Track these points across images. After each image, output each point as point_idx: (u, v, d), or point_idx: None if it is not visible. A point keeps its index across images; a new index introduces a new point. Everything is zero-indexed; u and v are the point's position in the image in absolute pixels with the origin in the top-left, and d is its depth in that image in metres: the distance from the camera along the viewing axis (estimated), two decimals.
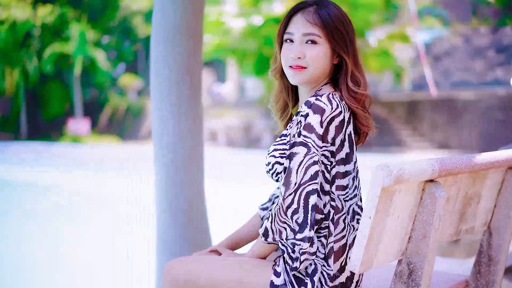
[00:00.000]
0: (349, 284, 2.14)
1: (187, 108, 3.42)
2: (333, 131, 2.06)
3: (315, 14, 2.15)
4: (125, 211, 10.20)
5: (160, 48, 3.42)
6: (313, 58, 2.14)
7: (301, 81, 2.18)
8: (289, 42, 2.18)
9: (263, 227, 2.09)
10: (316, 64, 2.15)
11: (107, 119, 28.57)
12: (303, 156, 2.02)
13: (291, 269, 2.05)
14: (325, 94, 2.07)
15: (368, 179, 1.90)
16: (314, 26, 2.14)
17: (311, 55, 2.14)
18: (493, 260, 2.68)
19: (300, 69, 2.16)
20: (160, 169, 3.44)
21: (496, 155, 2.44)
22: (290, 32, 2.18)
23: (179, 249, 3.39)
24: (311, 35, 2.14)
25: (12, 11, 25.58)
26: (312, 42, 2.15)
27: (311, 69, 2.15)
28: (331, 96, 2.07)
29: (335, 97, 2.09)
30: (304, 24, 2.15)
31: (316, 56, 2.14)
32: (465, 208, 2.46)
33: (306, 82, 2.19)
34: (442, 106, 20.11)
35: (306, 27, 2.15)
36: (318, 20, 2.14)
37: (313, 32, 2.14)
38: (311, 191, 2.02)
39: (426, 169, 2.02)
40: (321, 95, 2.06)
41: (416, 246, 2.12)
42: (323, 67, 2.17)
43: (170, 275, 2.23)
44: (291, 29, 2.18)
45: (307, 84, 2.20)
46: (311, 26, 2.14)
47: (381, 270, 2.81)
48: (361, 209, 2.19)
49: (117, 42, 28.92)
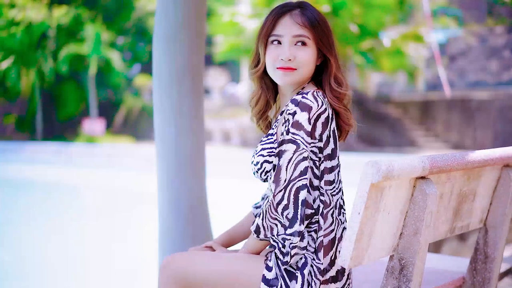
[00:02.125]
0: (340, 278, 2.17)
1: (189, 107, 3.46)
2: (320, 127, 2.10)
3: (303, 17, 2.19)
4: (142, 208, 10.25)
5: (161, 47, 3.47)
6: (303, 60, 2.19)
7: (290, 82, 2.21)
8: (276, 44, 2.21)
9: (254, 224, 2.13)
10: (305, 66, 2.20)
11: (122, 119, 28.69)
12: (293, 152, 2.06)
13: (282, 264, 2.09)
14: (310, 92, 2.11)
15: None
16: (303, 28, 2.18)
17: (301, 57, 2.18)
18: (489, 257, 2.70)
19: (290, 70, 2.19)
20: (162, 167, 3.49)
21: (490, 153, 2.46)
22: (278, 34, 2.21)
23: (181, 246, 3.43)
24: (301, 37, 2.18)
25: (27, 12, 25.76)
26: (302, 44, 2.18)
27: (300, 71, 2.20)
28: (315, 94, 2.12)
29: (319, 94, 2.13)
30: (293, 26, 2.19)
31: (307, 58, 2.19)
32: (460, 205, 2.48)
33: (293, 83, 2.22)
34: (456, 106, 20.01)
35: (296, 29, 2.19)
36: (307, 22, 2.18)
37: (303, 33, 2.18)
38: (301, 187, 2.06)
39: (417, 166, 2.05)
40: (306, 93, 2.10)
41: (407, 242, 2.15)
42: (310, 69, 2.22)
43: (167, 271, 2.27)
44: (279, 31, 2.21)
45: (294, 84, 2.24)
46: (301, 27, 2.18)
47: (373, 265, 2.84)
48: (344, 203, 2.24)
49: (132, 43, 29.02)
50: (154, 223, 3.67)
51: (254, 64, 2.33)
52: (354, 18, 19.66)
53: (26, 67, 25.78)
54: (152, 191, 3.95)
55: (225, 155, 17.38)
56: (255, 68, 2.32)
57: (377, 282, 2.57)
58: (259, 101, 2.38)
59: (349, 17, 19.61)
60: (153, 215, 3.96)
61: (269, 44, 2.23)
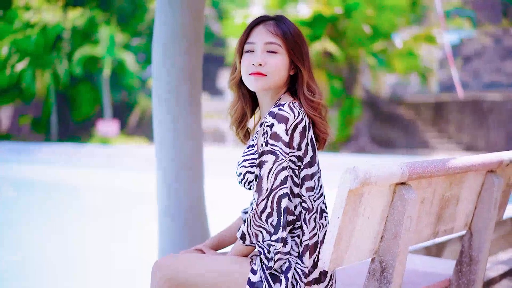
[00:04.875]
0: (323, 279, 2.26)
1: (187, 110, 3.57)
2: (297, 137, 2.19)
3: (276, 27, 2.30)
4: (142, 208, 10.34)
5: (160, 51, 3.57)
6: (272, 66, 2.28)
7: (261, 87, 2.31)
8: (249, 53, 2.32)
9: (240, 231, 2.24)
10: (275, 73, 2.29)
11: (136, 120, 28.89)
12: (272, 163, 2.16)
13: (267, 268, 2.19)
14: (287, 103, 2.20)
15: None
16: (275, 37, 2.29)
17: (271, 63, 2.28)
18: (473, 260, 2.78)
19: (260, 75, 2.29)
20: (160, 168, 3.59)
21: (472, 159, 2.53)
22: (252, 42, 2.32)
23: (180, 246, 3.54)
24: (273, 44, 2.29)
25: (43, 14, 26.00)
26: (272, 52, 2.29)
27: (270, 77, 2.29)
28: (292, 105, 2.21)
29: (295, 105, 2.22)
30: (266, 34, 2.30)
31: (275, 64, 2.29)
32: (443, 209, 2.56)
33: (266, 89, 2.32)
34: (469, 108, 19.98)
35: (268, 36, 2.30)
36: (279, 31, 2.29)
37: (275, 41, 2.29)
38: (282, 195, 2.16)
39: (395, 173, 2.13)
40: (283, 105, 2.20)
41: (387, 245, 2.24)
42: (281, 76, 2.30)
43: (158, 273, 2.37)
44: (252, 39, 2.32)
45: (266, 91, 2.33)
46: (273, 36, 2.29)
47: (357, 267, 2.93)
48: (326, 207, 2.33)
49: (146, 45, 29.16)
50: (154, 223, 3.76)
51: (232, 72, 2.43)
52: (366, 20, 19.69)
53: (41, 68, 26.02)
54: (152, 191, 4.03)
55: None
56: (231, 76, 2.42)
57: (360, 285, 2.66)
58: (236, 110, 2.48)
59: (361, 18, 19.65)
60: (153, 215, 4.05)
61: (244, 53, 2.34)
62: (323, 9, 19.49)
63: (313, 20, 19.56)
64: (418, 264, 3.16)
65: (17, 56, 26.09)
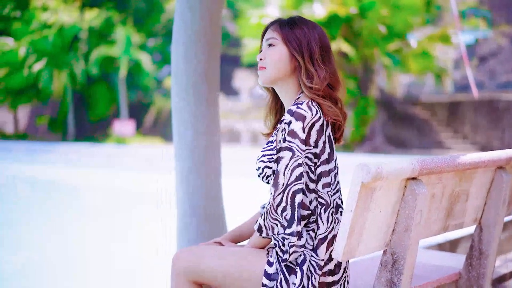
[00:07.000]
0: (337, 270, 2.36)
1: (205, 109, 3.68)
2: (314, 135, 2.29)
3: (277, 24, 2.47)
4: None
5: (179, 52, 3.69)
6: (271, 58, 2.43)
7: (264, 80, 2.46)
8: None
9: (257, 224, 2.34)
10: (272, 64, 2.43)
11: (151, 120, 29.09)
12: (289, 159, 2.26)
13: (282, 261, 2.29)
14: (305, 102, 2.30)
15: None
16: (273, 32, 2.46)
17: (269, 55, 2.44)
18: (483, 254, 2.87)
19: (261, 69, 2.45)
20: (179, 166, 3.70)
21: (481, 156, 2.62)
22: (262, 42, 2.51)
23: (197, 241, 3.65)
24: (270, 39, 2.45)
25: (60, 15, 26.27)
26: (270, 46, 2.44)
27: (269, 69, 2.43)
28: (310, 104, 2.30)
29: (313, 104, 2.32)
30: (268, 32, 2.48)
31: (272, 55, 2.43)
32: (453, 205, 2.64)
33: (268, 81, 2.46)
34: (484, 108, 19.95)
35: (268, 33, 2.47)
36: (277, 27, 2.46)
37: (272, 36, 2.45)
38: (297, 190, 2.25)
39: (406, 168, 2.22)
40: (301, 103, 2.29)
41: (399, 238, 2.33)
42: (280, 67, 2.43)
43: (178, 263, 2.48)
44: (263, 39, 2.50)
45: (271, 84, 2.46)
46: (272, 31, 2.46)
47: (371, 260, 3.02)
48: (342, 202, 2.43)
49: (162, 45, 29.36)
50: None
51: None
52: (381, 20, 19.73)
53: (58, 69, 26.26)
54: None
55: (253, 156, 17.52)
56: None
57: (373, 276, 2.74)
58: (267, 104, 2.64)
59: (376, 18, 19.69)
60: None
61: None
62: (338, 9, 19.56)
63: (328, 20, 19.62)
64: (430, 258, 3.25)
65: (35, 57, 26.37)
